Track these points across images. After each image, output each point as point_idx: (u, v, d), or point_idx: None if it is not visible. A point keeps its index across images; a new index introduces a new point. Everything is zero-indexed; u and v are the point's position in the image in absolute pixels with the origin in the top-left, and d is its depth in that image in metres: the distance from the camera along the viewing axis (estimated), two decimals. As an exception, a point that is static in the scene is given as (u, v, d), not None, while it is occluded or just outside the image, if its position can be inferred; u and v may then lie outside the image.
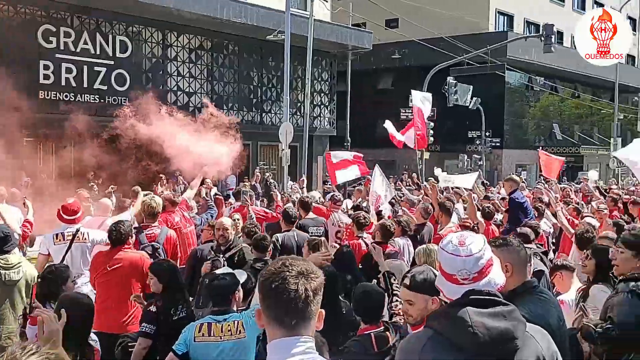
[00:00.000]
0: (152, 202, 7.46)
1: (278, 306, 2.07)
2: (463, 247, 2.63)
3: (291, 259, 2.17)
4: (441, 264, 2.70)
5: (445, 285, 2.67)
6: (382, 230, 7.22)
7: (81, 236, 6.75)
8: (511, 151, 36.06)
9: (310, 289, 2.08)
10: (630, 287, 3.62)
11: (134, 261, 6.03)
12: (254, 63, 24.25)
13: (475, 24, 34.02)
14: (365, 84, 32.83)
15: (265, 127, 24.18)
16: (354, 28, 26.99)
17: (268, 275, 2.10)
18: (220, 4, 20.66)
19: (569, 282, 5.30)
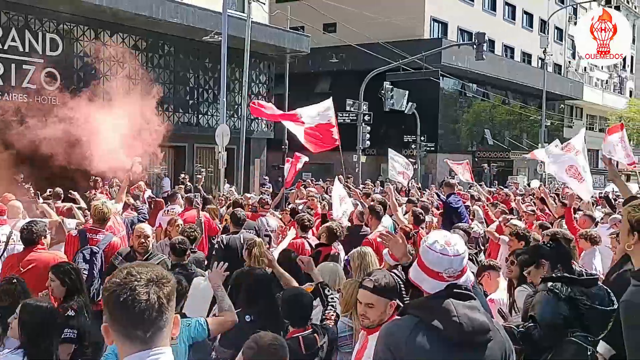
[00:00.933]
0: (103, 207, 7.07)
1: (129, 319, 1.88)
2: (450, 247, 2.81)
3: (137, 265, 1.98)
4: (426, 262, 2.83)
5: (426, 281, 2.82)
6: (328, 233, 7.26)
7: (16, 238, 6.57)
8: (445, 155, 36.78)
9: (164, 296, 1.92)
10: (549, 287, 3.73)
11: (47, 261, 5.71)
12: (191, 64, 23.92)
13: (411, 31, 34.67)
14: (304, 87, 32.88)
15: (201, 129, 23.89)
16: (292, 31, 27.01)
17: (114, 287, 1.90)
18: (156, 4, 20.29)
19: (495, 282, 5.46)
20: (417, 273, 2.87)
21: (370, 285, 3.50)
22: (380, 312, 3.49)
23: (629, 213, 3.10)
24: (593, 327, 3.57)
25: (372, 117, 27.34)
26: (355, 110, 26.20)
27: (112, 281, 1.93)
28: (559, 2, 50.04)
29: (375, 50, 28.28)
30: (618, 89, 63.25)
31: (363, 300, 3.53)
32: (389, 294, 3.52)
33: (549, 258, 4.25)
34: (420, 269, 2.85)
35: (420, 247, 2.91)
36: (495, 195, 17.37)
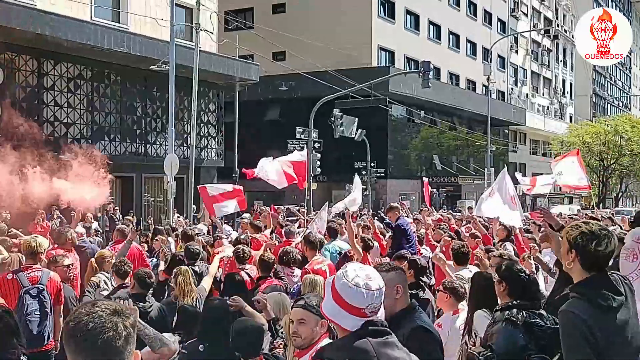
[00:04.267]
0: (32, 241, 6.71)
1: (98, 348, 1.89)
2: (372, 281, 2.70)
3: (99, 300, 2.06)
4: (347, 298, 2.68)
5: (347, 318, 2.69)
6: (260, 264, 7.15)
7: None
8: (395, 181, 37.28)
9: (129, 325, 1.96)
10: (505, 316, 3.82)
11: None
12: (138, 93, 23.62)
13: (359, 59, 35.16)
14: (254, 115, 32.89)
15: (149, 159, 23.51)
16: (241, 60, 27.01)
17: (81, 317, 1.93)
18: (101, 33, 20.01)
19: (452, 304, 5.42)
20: (334, 310, 2.72)
21: (302, 302, 3.55)
22: (311, 329, 3.47)
23: (567, 232, 3.28)
24: (548, 347, 3.68)
25: (322, 144, 27.43)
26: (305, 138, 26.24)
27: (78, 312, 1.96)
28: (500, 32, 51.70)
29: (325, 78, 28.52)
30: (559, 115, 65.44)
31: (295, 318, 3.55)
32: (319, 312, 3.43)
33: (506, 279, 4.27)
34: (338, 305, 2.70)
35: (336, 282, 2.73)
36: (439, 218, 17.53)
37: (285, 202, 28.65)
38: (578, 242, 3.18)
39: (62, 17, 18.82)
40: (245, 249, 7.91)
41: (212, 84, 25.62)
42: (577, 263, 3.20)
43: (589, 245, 3.15)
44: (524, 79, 59.17)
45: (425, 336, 3.54)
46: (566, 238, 3.26)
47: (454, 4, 46.61)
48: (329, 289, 2.77)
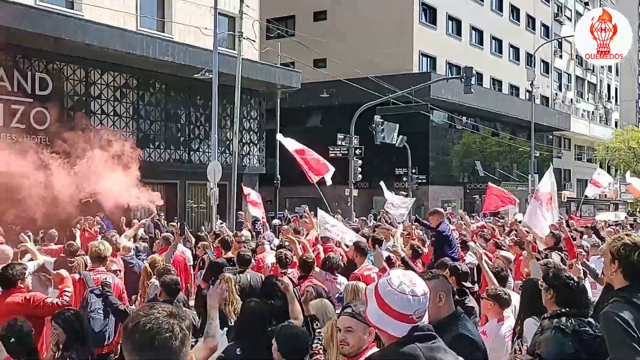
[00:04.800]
0: (100, 245, 7.18)
1: (156, 348, 1.98)
2: (417, 287, 2.74)
3: (157, 304, 2.13)
4: (393, 305, 2.71)
5: (393, 325, 2.71)
6: (301, 264, 7.26)
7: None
8: (437, 187, 36.95)
9: (186, 327, 2.05)
10: (554, 324, 3.78)
11: (27, 303, 5.67)
12: (182, 101, 24.00)
13: (400, 65, 35.03)
14: (295, 122, 33.04)
15: (193, 166, 23.85)
16: (282, 67, 27.23)
17: (138, 319, 2.02)
18: (147, 42, 20.42)
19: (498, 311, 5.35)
20: (380, 317, 2.75)
21: (349, 310, 3.52)
22: (359, 337, 3.44)
23: (610, 244, 3.40)
24: (597, 355, 3.65)
25: (363, 150, 27.44)
26: (346, 145, 26.29)
27: (136, 314, 2.05)
28: (544, 36, 50.88)
29: (366, 85, 28.52)
30: (604, 120, 63.99)
31: (342, 326, 3.52)
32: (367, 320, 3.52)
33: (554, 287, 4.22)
34: (384, 312, 2.73)
35: (381, 290, 2.76)
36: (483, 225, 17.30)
37: (326, 209, 28.65)
38: (621, 253, 3.27)
39: (109, 28, 19.28)
40: (288, 253, 7.97)
41: (254, 92, 25.87)
42: (619, 273, 3.29)
43: (631, 256, 3.24)
44: (568, 84, 58.07)
45: (467, 344, 3.51)
46: (609, 249, 3.35)
47: (496, 8, 46.09)
48: (372, 296, 2.79)
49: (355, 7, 37.40)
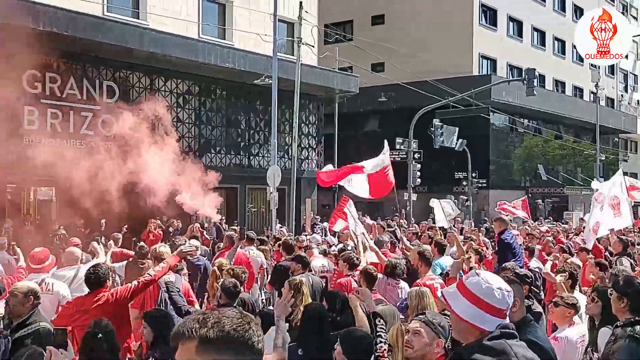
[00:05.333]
0: (161, 248, 7.52)
1: (231, 349, 1.92)
2: (504, 283, 2.92)
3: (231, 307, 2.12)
4: (492, 301, 2.84)
5: (490, 321, 2.82)
6: (365, 276, 7.18)
7: (45, 286, 6.48)
8: (497, 191, 36.22)
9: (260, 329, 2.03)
10: (628, 333, 3.66)
11: (117, 300, 5.85)
12: (242, 107, 24.37)
13: (460, 68, 34.60)
14: (353, 126, 33.08)
15: (253, 171, 24.17)
16: (341, 72, 27.32)
17: (220, 319, 1.95)
18: (208, 50, 20.85)
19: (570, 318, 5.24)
20: (475, 313, 2.83)
21: (423, 317, 3.57)
22: (425, 344, 3.44)
23: None
24: None
25: (422, 154, 27.22)
26: (405, 149, 26.14)
27: (213, 315, 1.95)
28: (609, 35, 49.25)
29: (424, 88, 28.30)
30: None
31: (411, 328, 3.53)
32: (439, 330, 3.52)
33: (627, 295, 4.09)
34: (481, 309, 2.83)
35: (478, 288, 2.87)
36: (547, 230, 16.91)
37: (385, 213, 28.57)
38: None
39: (172, 36, 19.77)
40: (356, 256, 8.08)
41: (313, 97, 26.03)
42: None
43: None
44: (635, 85, 56.04)
45: (537, 350, 3.45)
46: None
47: (559, 9, 44.96)
48: (460, 296, 2.88)
49: (413, 10, 37.17)
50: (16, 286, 5.09)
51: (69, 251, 7.80)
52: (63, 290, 6.60)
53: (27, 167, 17.48)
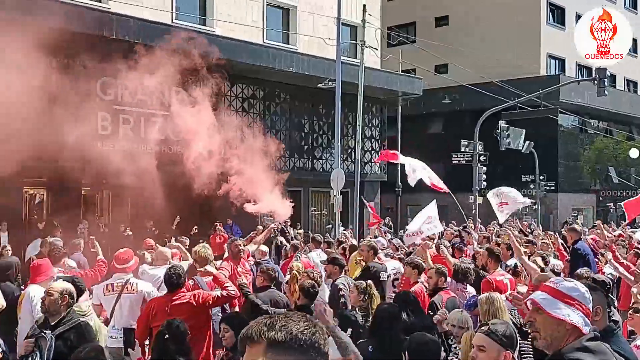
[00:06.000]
0: (206, 250, 7.63)
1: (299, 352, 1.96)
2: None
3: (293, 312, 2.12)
4: (588, 305, 2.94)
5: (588, 324, 2.90)
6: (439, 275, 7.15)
7: (130, 287, 6.74)
8: (566, 195, 35.24)
9: (326, 332, 2.08)
10: None
11: (197, 303, 6.03)
12: (305, 111, 24.56)
13: (527, 68, 33.81)
14: (416, 129, 32.83)
15: (316, 174, 24.31)
16: (404, 74, 27.17)
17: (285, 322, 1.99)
18: (272, 54, 21.12)
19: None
20: (579, 317, 2.91)
21: (485, 328, 3.50)
22: (490, 359, 3.38)
23: None
24: None
25: (487, 157, 26.73)
26: (470, 151, 25.73)
27: (279, 319, 2.00)
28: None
29: (490, 90, 27.81)
30: None
31: (475, 343, 3.49)
32: (504, 342, 3.45)
33: None
34: (583, 312, 2.91)
35: (577, 293, 2.95)
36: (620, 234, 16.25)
37: (449, 217, 28.20)
38: None
39: (238, 42, 20.13)
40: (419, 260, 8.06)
41: (376, 99, 25.98)
42: None
43: None
44: None
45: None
46: None
47: (630, 6, 43.33)
48: (556, 298, 2.92)
49: (478, 10, 36.59)
50: (52, 286, 5.27)
51: (159, 251, 8.13)
52: (147, 288, 6.83)
53: (101, 170, 18.20)
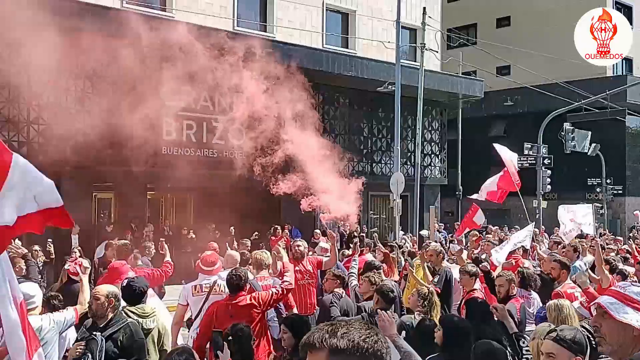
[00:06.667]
0: (262, 254, 7.79)
1: None
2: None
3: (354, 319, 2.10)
4: None
5: None
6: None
7: (217, 288, 6.93)
8: (635, 199, 33.96)
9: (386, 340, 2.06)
10: None
11: (255, 302, 6.12)
12: (364, 114, 24.54)
13: (592, 69, 32.78)
14: (477, 132, 32.31)
15: (375, 177, 24.23)
16: (465, 77, 26.82)
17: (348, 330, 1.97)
18: (332, 59, 21.20)
19: None
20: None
21: (554, 335, 3.43)
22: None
23: None
24: None
25: (552, 160, 26.08)
26: (533, 154, 25.16)
27: (342, 325, 1.99)
28: None
29: (554, 91, 27.15)
30: None
31: (544, 350, 3.44)
32: (573, 348, 3.38)
33: None
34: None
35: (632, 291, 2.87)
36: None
37: (511, 221, 27.64)
38: None
39: (298, 47, 20.31)
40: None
41: (436, 102, 25.74)
42: None
43: None
44: None
45: None
46: None
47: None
48: (624, 303, 2.84)
49: (541, 10, 35.76)
50: (98, 290, 5.41)
51: (229, 254, 8.31)
52: None
53: (166, 175, 18.70)
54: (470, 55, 28.85)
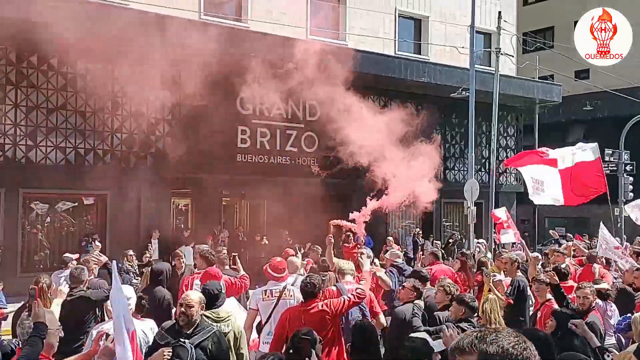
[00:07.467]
0: (342, 262, 7.94)
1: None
2: None
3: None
4: None
5: None
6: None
7: (287, 293, 7.02)
8: None
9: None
10: None
11: (328, 308, 6.14)
12: (437, 121, 24.27)
13: (679, 70, 31.32)
14: (554, 138, 31.28)
15: (448, 185, 23.90)
16: (541, 81, 26.13)
17: (498, 340, 1.98)
18: (404, 65, 21.12)
19: None
20: None
21: (633, 347, 3.30)
22: None
23: None
24: None
25: (634, 166, 25.04)
26: (615, 160, 24.23)
27: (492, 333, 2.02)
28: None
29: (636, 95, 26.07)
30: None
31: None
32: None
33: None
34: None
35: None
36: None
37: (592, 229, 26.66)
38: None
39: (370, 54, 20.34)
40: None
41: (511, 108, 25.19)
42: None
43: None
44: None
45: None
46: None
47: None
48: None
49: (623, 10, 34.33)
50: (191, 297, 5.27)
51: (290, 260, 8.40)
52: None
53: (240, 181, 19.12)
54: (547, 59, 28.08)
